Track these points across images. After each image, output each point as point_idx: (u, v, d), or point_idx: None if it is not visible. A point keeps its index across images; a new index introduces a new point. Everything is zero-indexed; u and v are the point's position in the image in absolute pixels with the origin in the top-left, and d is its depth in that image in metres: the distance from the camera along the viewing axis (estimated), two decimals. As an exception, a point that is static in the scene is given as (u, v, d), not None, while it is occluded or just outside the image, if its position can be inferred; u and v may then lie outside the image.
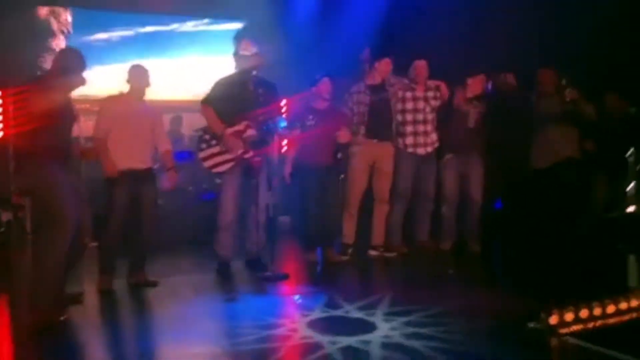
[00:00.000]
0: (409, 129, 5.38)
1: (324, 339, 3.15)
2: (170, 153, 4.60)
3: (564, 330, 3.08)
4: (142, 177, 4.36)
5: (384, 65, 5.30)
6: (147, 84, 4.46)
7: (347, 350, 2.99)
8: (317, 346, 3.06)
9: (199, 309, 3.88)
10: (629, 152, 5.91)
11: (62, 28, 7.61)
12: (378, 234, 5.41)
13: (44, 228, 3.45)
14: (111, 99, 4.43)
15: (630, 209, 6.03)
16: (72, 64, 3.70)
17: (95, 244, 4.31)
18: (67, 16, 7.62)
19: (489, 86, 5.48)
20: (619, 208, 5.62)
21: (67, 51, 3.75)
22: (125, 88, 4.45)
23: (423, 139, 5.39)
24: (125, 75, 4.41)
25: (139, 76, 4.42)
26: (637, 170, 6.28)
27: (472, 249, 5.43)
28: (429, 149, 5.42)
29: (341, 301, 3.83)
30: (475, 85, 5.38)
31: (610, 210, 5.47)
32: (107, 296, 4.17)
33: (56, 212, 3.42)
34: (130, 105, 4.38)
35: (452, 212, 5.46)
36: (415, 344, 3.03)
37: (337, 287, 4.42)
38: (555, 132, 5.31)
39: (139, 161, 4.35)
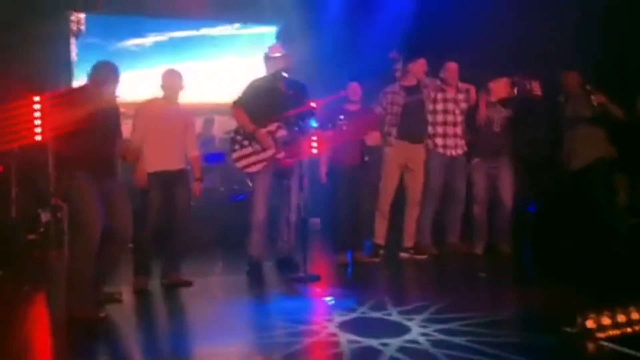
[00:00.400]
0: (439, 130, 5.37)
1: (352, 339, 3.14)
2: (199, 160, 4.70)
3: (600, 335, 3.02)
4: (176, 179, 4.45)
5: (419, 66, 5.30)
6: (181, 88, 4.54)
7: (365, 350, 2.98)
8: (336, 345, 3.05)
9: (232, 309, 3.92)
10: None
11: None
12: (409, 236, 5.39)
13: (73, 231, 3.61)
14: (147, 104, 4.54)
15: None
16: (107, 77, 3.86)
17: (130, 245, 4.40)
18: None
19: (515, 91, 5.43)
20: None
21: (103, 64, 3.89)
22: (159, 92, 4.54)
23: (453, 141, 5.38)
24: (160, 80, 4.51)
25: (172, 80, 4.51)
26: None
27: (503, 251, 5.36)
28: (459, 151, 5.41)
29: (374, 303, 3.81)
30: (498, 89, 5.33)
31: (635, 211, 5.37)
32: (142, 296, 4.26)
33: (80, 218, 3.62)
34: (164, 109, 4.47)
35: (483, 213, 5.41)
36: (439, 351, 2.94)
37: (370, 289, 4.41)
38: (586, 132, 5.24)
39: (172, 163, 4.45)
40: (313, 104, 4.88)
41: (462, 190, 5.43)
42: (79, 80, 3.80)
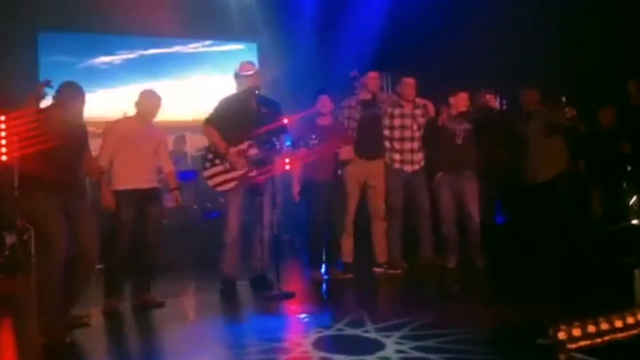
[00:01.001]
0: (397, 145, 5.40)
1: (325, 356, 3.12)
2: (174, 173, 4.67)
3: (572, 346, 3.06)
4: (147, 197, 4.39)
5: (370, 80, 5.35)
6: (156, 109, 4.52)
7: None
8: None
9: (205, 329, 3.87)
10: (630, 167, 5.95)
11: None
12: (380, 251, 5.40)
13: (39, 253, 3.54)
14: (117, 123, 4.49)
15: (634, 221, 6.05)
16: (72, 96, 3.82)
17: (100, 265, 4.31)
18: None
19: (477, 104, 5.52)
20: (620, 221, 5.64)
21: (67, 85, 3.85)
22: (131, 110, 4.50)
23: (410, 156, 5.41)
24: (136, 98, 4.47)
25: (150, 102, 4.48)
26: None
27: (476, 264, 5.41)
28: (416, 167, 5.43)
29: (350, 320, 3.78)
30: (458, 102, 5.39)
31: (609, 223, 5.49)
32: (113, 318, 4.17)
33: (45, 240, 3.55)
34: (136, 128, 4.43)
35: (452, 230, 5.43)
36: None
37: (345, 306, 4.41)
38: (549, 147, 5.37)
39: (144, 181, 4.40)
40: (285, 121, 4.89)
41: (425, 205, 5.43)
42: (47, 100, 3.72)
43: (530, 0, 6.55)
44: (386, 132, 5.42)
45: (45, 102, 3.76)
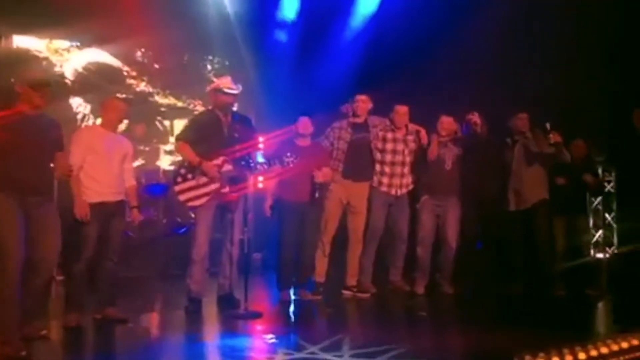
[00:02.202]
0: (387, 169, 5.43)
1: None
2: (135, 189, 4.59)
3: (536, 376, 3.08)
4: (113, 211, 4.30)
5: (359, 103, 5.39)
6: (122, 116, 4.46)
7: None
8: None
9: (168, 347, 3.79)
10: (597, 201, 6.10)
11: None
12: (352, 274, 5.40)
13: None
14: (83, 131, 4.38)
15: (599, 255, 6.18)
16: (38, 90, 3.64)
17: (62, 277, 4.20)
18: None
19: (463, 128, 5.60)
20: (583, 254, 5.74)
21: (35, 79, 3.73)
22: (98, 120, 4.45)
23: (399, 180, 5.44)
24: (100, 107, 4.41)
25: (113, 108, 4.41)
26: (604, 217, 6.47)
27: (445, 290, 5.44)
28: (403, 190, 5.47)
29: (310, 342, 3.71)
30: (441, 126, 5.46)
31: (571, 254, 5.57)
32: (73, 332, 4.03)
33: (1, 248, 3.36)
34: (102, 137, 4.33)
35: (427, 254, 5.47)
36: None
37: (308, 328, 4.37)
38: (529, 175, 5.44)
39: (111, 194, 4.29)
40: (260, 139, 4.88)
41: (404, 230, 5.47)
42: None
43: (520, 24, 6.69)
44: (377, 156, 5.44)
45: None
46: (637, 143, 5.34)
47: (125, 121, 7.55)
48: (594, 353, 3.19)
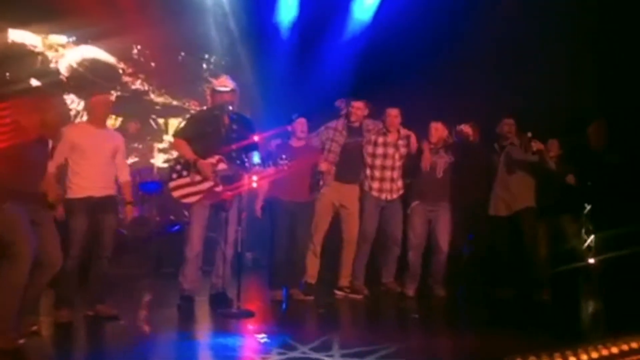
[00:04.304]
0: (377, 173, 5.45)
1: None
2: (129, 185, 4.58)
3: (526, 379, 3.10)
4: (102, 205, 4.28)
5: (354, 110, 5.41)
6: (108, 111, 4.47)
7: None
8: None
9: (160, 345, 3.79)
10: (587, 208, 6.13)
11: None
12: (345, 275, 5.40)
13: (2, 260, 3.38)
14: (69, 128, 4.32)
15: (590, 261, 6.21)
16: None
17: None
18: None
19: (454, 136, 5.63)
20: (574, 259, 5.76)
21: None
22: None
23: (389, 185, 5.46)
24: (86, 104, 4.40)
25: (98, 103, 4.41)
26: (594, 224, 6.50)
27: (437, 293, 5.45)
28: (394, 195, 5.48)
29: (300, 341, 3.73)
30: (431, 132, 5.47)
31: (561, 259, 5.59)
32: (63, 329, 4.02)
33: (11, 247, 3.38)
34: (89, 133, 4.31)
35: (418, 258, 5.48)
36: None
37: (300, 328, 4.37)
38: (513, 182, 5.46)
39: (99, 188, 4.28)
40: (256, 139, 4.88)
41: (398, 233, 5.48)
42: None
43: (510, 33, 6.74)
44: (368, 160, 5.46)
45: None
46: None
47: (120, 118, 7.66)
48: (584, 357, 3.22)
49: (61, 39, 7.59)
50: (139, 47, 8.08)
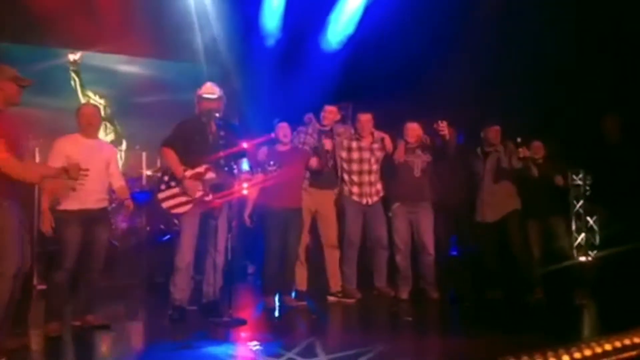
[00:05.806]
0: (355, 178, 5.45)
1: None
2: (125, 188, 4.59)
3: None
4: (95, 218, 4.26)
5: (326, 114, 5.45)
6: (97, 121, 4.45)
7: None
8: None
9: (152, 355, 3.75)
10: (578, 205, 6.16)
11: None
12: (334, 280, 5.39)
13: None
14: (61, 140, 4.30)
15: (582, 258, 6.24)
16: None
17: (43, 286, 4.14)
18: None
19: (431, 135, 5.62)
20: (566, 257, 5.78)
21: None
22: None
23: (368, 189, 5.45)
24: (75, 115, 4.37)
25: (87, 114, 4.39)
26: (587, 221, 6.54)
27: (430, 295, 5.44)
28: (375, 199, 5.48)
29: (293, 348, 3.71)
30: (407, 133, 5.47)
31: (551, 258, 5.61)
32: (54, 341, 3.97)
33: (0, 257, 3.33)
34: (82, 144, 4.30)
35: (406, 260, 5.47)
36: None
37: (293, 334, 4.35)
38: (499, 189, 5.47)
39: (92, 201, 4.27)
40: (245, 146, 4.85)
41: (384, 236, 5.46)
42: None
43: (496, 34, 6.77)
44: (344, 165, 5.46)
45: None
46: (606, 150, 5.42)
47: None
48: (577, 355, 3.22)
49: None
50: (120, 55, 8.08)
